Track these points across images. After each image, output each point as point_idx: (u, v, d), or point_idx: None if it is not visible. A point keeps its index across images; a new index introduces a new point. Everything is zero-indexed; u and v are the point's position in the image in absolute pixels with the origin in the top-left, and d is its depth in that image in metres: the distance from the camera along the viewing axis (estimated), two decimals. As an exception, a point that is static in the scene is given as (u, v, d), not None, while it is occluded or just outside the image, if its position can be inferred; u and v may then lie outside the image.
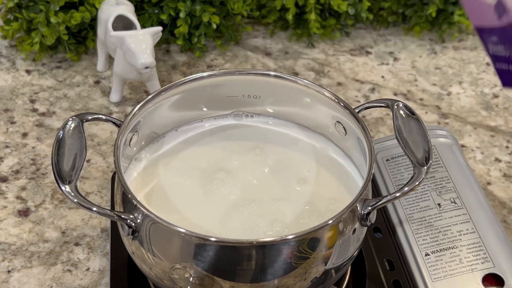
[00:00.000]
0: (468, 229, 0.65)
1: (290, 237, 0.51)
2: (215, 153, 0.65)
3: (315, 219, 0.58)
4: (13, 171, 0.76)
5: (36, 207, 0.73)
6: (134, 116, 0.59)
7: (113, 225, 0.67)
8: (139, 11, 0.91)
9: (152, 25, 0.90)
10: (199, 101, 0.66)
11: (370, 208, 0.54)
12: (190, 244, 0.52)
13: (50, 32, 0.87)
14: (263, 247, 0.51)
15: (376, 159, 0.72)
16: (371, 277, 0.64)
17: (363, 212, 0.54)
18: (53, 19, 0.85)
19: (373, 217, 0.56)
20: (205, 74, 0.63)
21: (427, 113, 0.87)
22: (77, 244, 0.69)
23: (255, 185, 0.61)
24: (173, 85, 0.62)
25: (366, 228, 0.57)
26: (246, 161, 0.64)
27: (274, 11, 0.96)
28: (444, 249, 0.64)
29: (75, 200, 0.53)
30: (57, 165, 0.54)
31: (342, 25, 0.99)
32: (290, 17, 0.92)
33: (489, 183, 0.78)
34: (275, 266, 0.52)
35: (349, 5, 0.94)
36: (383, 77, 0.92)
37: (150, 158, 0.63)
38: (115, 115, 0.84)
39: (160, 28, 0.77)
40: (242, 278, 0.53)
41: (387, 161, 0.72)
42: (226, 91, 0.65)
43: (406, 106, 0.60)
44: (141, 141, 0.63)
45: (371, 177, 0.55)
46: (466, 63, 0.95)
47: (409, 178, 0.55)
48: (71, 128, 0.57)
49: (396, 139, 0.59)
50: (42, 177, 0.76)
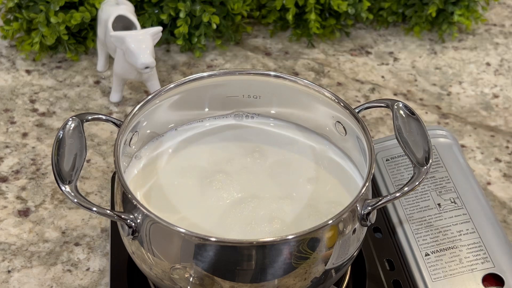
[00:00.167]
0: (468, 229, 0.65)
1: (290, 237, 0.51)
2: (215, 153, 0.65)
3: (315, 219, 0.58)
4: (13, 171, 0.76)
5: (36, 207, 0.73)
6: (134, 116, 0.59)
7: (113, 225, 0.67)
8: (139, 11, 0.91)
9: (152, 25, 0.90)
10: (199, 101, 0.66)
11: (370, 208, 0.54)
12: (190, 244, 0.52)
13: (50, 32, 0.87)
14: (263, 247, 0.51)
15: (376, 159, 0.72)
16: (371, 277, 0.63)
17: (363, 212, 0.54)
18: (53, 19, 0.85)
19: (373, 217, 0.56)
20: (205, 74, 0.63)
21: (427, 113, 0.87)
22: (77, 244, 0.69)
23: (255, 185, 0.61)
24: (173, 85, 0.62)
25: (366, 228, 0.57)
26: (246, 161, 0.64)
27: (274, 11, 0.96)
28: (444, 249, 0.64)
29: (75, 200, 0.53)
30: (57, 165, 0.54)
31: (342, 25, 0.99)
32: (290, 17, 0.92)
33: (489, 183, 0.78)
34: (275, 266, 0.52)
35: (349, 5, 0.94)
36: (383, 77, 0.92)
37: (149, 157, 0.63)
38: (115, 115, 0.84)
39: (160, 28, 0.77)
40: (242, 278, 0.53)
41: (387, 161, 0.72)
42: (226, 91, 0.65)
43: (406, 106, 0.60)
44: (141, 141, 0.63)
45: (371, 177, 0.55)
46: (466, 63, 0.95)
47: (409, 178, 0.55)
48: (71, 128, 0.57)
49: (396, 139, 0.59)
50: (42, 177, 0.76)
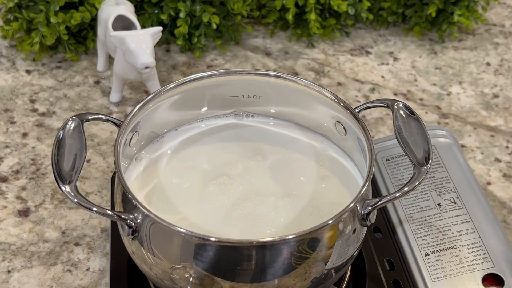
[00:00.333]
0: (468, 229, 0.65)
1: (290, 237, 0.51)
2: (215, 153, 0.64)
3: (315, 219, 0.58)
4: (13, 171, 0.76)
5: (36, 207, 0.73)
6: (134, 116, 0.59)
7: (113, 225, 0.67)
8: (139, 11, 0.91)
9: (152, 25, 0.90)
10: (199, 101, 0.66)
11: (370, 208, 0.54)
12: (190, 244, 0.52)
13: (50, 32, 0.87)
14: (263, 247, 0.51)
15: (376, 159, 0.72)
16: (371, 277, 0.63)
17: (363, 212, 0.54)
18: (53, 19, 0.85)
19: (373, 217, 0.56)
20: (205, 74, 0.63)
21: (427, 113, 0.87)
22: (77, 244, 0.69)
23: (255, 185, 0.61)
24: (173, 85, 0.62)
25: (366, 228, 0.57)
26: (246, 161, 0.64)
27: (274, 11, 0.96)
28: (444, 249, 0.64)
29: (75, 200, 0.53)
30: (57, 165, 0.54)
31: (342, 25, 0.99)
32: (290, 17, 0.92)
33: (489, 183, 0.78)
34: (275, 266, 0.52)
35: (349, 5, 0.94)
36: (383, 77, 0.92)
37: (150, 158, 0.63)
38: (115, 115, 0.84)
39: (160, 28, 0.77)
40: (242, 278, 0.53)
41: (387, 161, 0.72)
42: (226, 91, 0.65)
43: (406, 106, 0.60)
44: (141, 141, 0.63)
45: (371, 177, 0.55)
46: (466, 63, 0.95)
47: (409, 178, 0.55)
48: (71, 128, 0.57)
49: (396, 139, 0.59)
50: (42, 177, 0.76)
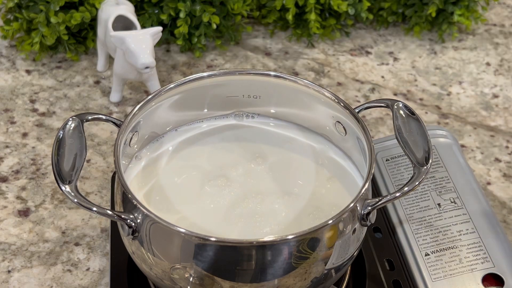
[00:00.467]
0: (468, 229, 0.65)
1: (290, 237, 0.51)
2: (215, 153, 0.64)
3: (315, 219, 0.58)
4: (13, 171, 0.76)
5: (36, 207, 0.73)
6: (134, 116, 0.59)
7: (113, 225, 0.67)
8: (139, 11, 0.91)
9: (152, 25, 0.90)
10: (199, 101, 0.66)
11: (370, 208, 0.54)
12: (190, 244, 0.52)
13: (50, 32, 0.87)
14: (263, 247, 0.51)
15: (376, 159, 0.72)
16: (371, 277, 0.63)
17: (363, 212, 0.54)
18: (53, 19, 0.85)
19: (373, 217, 0.56)
20: (205, 74, 0.63)
21: (427, 113, 0.87)
22: (77, 244, 0.69)
23: (255, 185, 0.61)
24: (173, 85, 0.62)
25: (366, 228, 0.57)
26: (246, 162, 0.64)
27: (274, 11, 0.96)
28: (444, 249, 0.64)
29: (75, 200, 0.53)
30: (57, 165, 0.54)
31: (342, 25, 0.99)
32: (290, 17, 0.92)
33: (489, 183, 0.78)
34: (275, 266, 0.52)
35: (349, 5, 0.94)
36: (383, 77, 0.92)
37: (150, 157, 0.63)
38: (115, 115, 0.84)
39: (160, 28, 0.77)
40: (242, 278, 0.53)
41: (387, 161, 0.72)
42: (226, 91, 0.65)
43: (406, 106, 0.60)
44: (141, 141, 0.63)
45: (371, 177, 0.55)
46: (466, 63, 0.95)
47: (409, 178, 0.55)
48: (71, 128, 0.57)
49: (396, 139, 0.59)
50: (42, 177, 0.76)
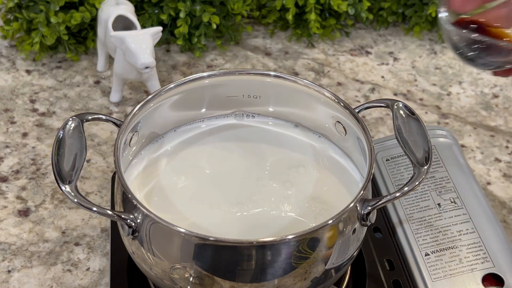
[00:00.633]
0: (468, 229, 0.65)
1: (290, 237, 0.51)
2: (215, 153, 0.65)
3: (315, 219, 0.58)
4: (13, 171, 0.76)
5: (36, 207, 0.72)
6: (134, 116, 0.59)
7: (113, 225, 0.67)
8: (139, 11, 0.91)
9: (152, 25, 0.90)
10: (199, 101, 0.66)
11: (370, 208, 0.54)
12: (190, 244, 0.52)
13: (50, 32, 0.87)
14: (263, 247, 0.51)
15: (376, 159, 0.72)
16: (371, 277, 0.63)
17: (363, 212, 0.54)
18: (53, 19, 0.85)
19: (373, 217, 0.56)
20: (205, 74, 0.63)
21: (427, 113, 0.87)
22: (77, 244, 0.69)
23: (255, 185, 0.61)
24: (173, 85, 0.62)
25: (366, 228, 0.57)
26: (246, 161, 0.64)
27: (274, 11, 0.96)
28: (444, 249, 0.64)
29: (75, 200, 0.53)
30: (57, 165, 0.54)
31: (342, 25, 0.99)
32: (290, 17, 0.92)
33: (489, 183, 0.78)
34: (275, 266, 0.52)
35: (349, 5, 0.94)
36: (383, 77, 0.92)
37: (150, 158, 0.63)
38: (115, 115, 0.84)
39: (160, 28, 0.77)
40: (242, 278, 0.53)
41: (387, 161, 0.72)
42: (226, 91, 0.65)
43: (406, 106, 0.60)
44: (141, 141, 0.63)
45: (371, 177, 0.55)
46: (466, 63, 0.95)
47: (409, 178, 0.55)
48: (71, 128, 0.57)
49: (396, 139, 0.59)
50: (42, 177, 0.76)
